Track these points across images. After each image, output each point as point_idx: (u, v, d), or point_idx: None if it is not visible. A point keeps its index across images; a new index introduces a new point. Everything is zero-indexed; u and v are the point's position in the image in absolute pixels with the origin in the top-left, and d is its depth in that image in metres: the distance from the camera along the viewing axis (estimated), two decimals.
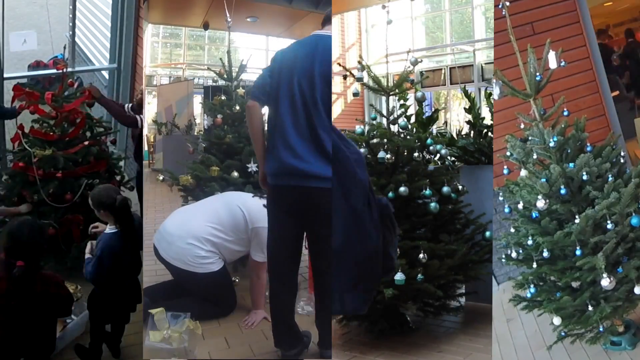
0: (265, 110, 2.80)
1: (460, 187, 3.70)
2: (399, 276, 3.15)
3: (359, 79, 3.80)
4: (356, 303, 2.37)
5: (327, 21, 2.81)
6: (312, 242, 2.70)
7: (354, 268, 2.27)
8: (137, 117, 4.29)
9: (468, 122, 4.71)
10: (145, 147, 8.94)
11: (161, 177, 4.77)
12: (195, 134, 7.49)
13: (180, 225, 3.50)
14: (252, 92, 2.79)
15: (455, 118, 8.83)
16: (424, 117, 4.69)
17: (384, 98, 3.72)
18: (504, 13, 3.17)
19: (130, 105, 4.62)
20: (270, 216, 2.78)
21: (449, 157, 4.24)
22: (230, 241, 3.48)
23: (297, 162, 2.54)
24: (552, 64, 3.09)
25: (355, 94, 4.14)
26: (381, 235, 2.29)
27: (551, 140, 3.03)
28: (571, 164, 3.02)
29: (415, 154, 3.81)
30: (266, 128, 2.80)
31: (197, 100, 9.51)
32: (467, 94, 4.94)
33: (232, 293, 3.60)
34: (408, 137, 3.77)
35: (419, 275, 3.22)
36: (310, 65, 2.60)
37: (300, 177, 2.54)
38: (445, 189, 3.56)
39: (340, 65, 6.90)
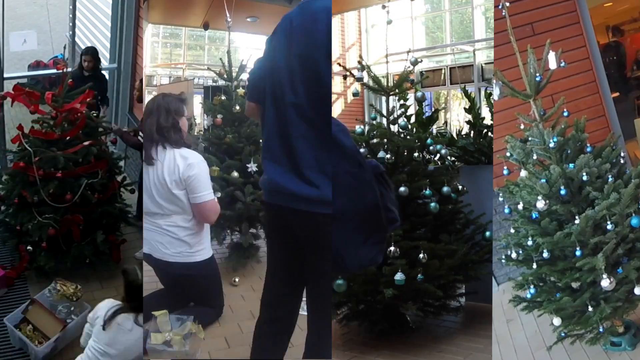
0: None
1: (460, 187, 3.70)
2: (399, 276, 3.15)
3: (359, 79, 3.80)
4: (372, 254, 2.18)
5: None
6: (308, 276, 2.28)
7: (360, 225, 2.12)
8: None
9: (468, 122, 4.72)
10: None
11: None
12: (195, 134, 7.48)
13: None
14: (247, 92, 2.40)
15: (455, 118, 8.82)
16: (424, 117, 4.69)
17: (384, 98, 3.72)
18: (504, 14, 3.17)
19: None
20: (266, 237, 2.56)
21: (449, 157, 4.24)
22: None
23: (284, 180, 2.12)
24: (552, 64, 3.09)
25: (355, 94, 4.15)
26: (378, 192, 2.13)
27: (551, 140, 3.03)
28: (571, 165, 3.02)
29: (415, 154, 3.81)
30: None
31: (197, 100, 9.51)
32: (467, 94, 4.94)
33: (220, 287, 3.56)
34: (408, 137, 3.77)
35: (419, 275, 3.22)
36: (297, 47, 2.10)
37: (290, 197, 2.11)
38: (445, 189, 3.56)
39: (340, 65, 6.89)
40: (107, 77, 5.41)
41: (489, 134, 4.45)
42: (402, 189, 3.39)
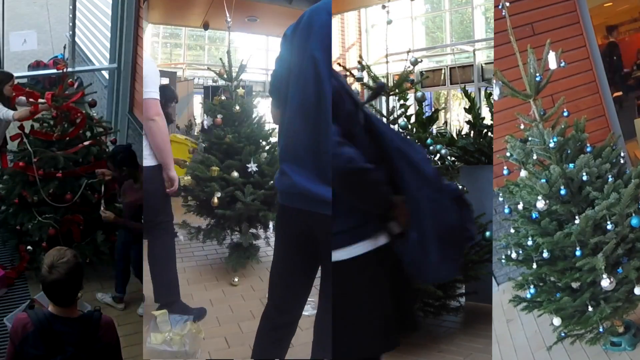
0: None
1: (460, 187, 3.70)
2: None
3: (359, 79, 3.81)
4: (449, 270, 2.24)
5: None
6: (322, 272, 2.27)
7: (440, 243, 2.11)
8: None
9: (468, 122, 4.72)
10: None
11: None
12: (195, 134, 7.49)
13: None
14: (272, 99, 2.33)
15: (455, 118, 8.83)
16: (424, 117, 4.69)
17: (384, 98, 3.72)
18: (504, 13, 3.17)
19: None
20: (276, 238, 2.44)
21: (449, 157, 4.24)
22: None
23: (309, 184, 2.09)
24: (552, 64, 3.09)
25: None
26: (457, 214, 2.13)
27: (551, 140, 3.03)
28: (571, 165, 3.02)
29: None
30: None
31: (197, 100, 9.52)
32: (467, 94, 4.94)
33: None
34: (408, 137, 3.77)
35: None
36: (307, 53, 2.10)
37: (312, 201, 2.10)
38: None
39: (340, 65, 6.90)
40: None
41: (489, 134, 4.44)
42: None
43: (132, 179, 3.73)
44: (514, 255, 3.18)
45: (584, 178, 2.95)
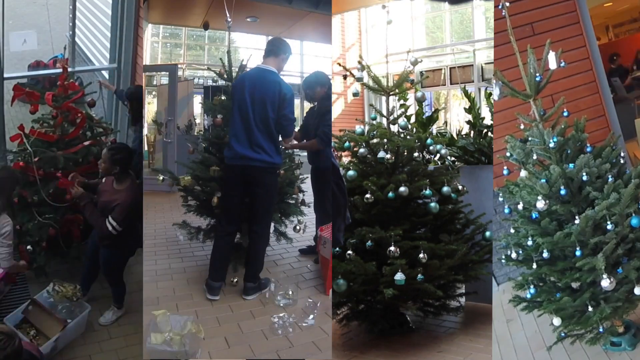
0: None
1: (460, 187, 3.70)
2: (399, 276, 3.15)
3: (359, 79, 3.81)
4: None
5: (268, 54, 3.71)
6: (256, 211, 3.68)
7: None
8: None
9: (468, 122, 4.72)
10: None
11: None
12: (195, 134, 7.49)
13: None
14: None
15: (455, 118, 8.82)
16: (424, 117, 4.70)
17: (384, 98, 3.73)
18: (504, 14, 3.17)
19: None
20: (223, 188, 3.91)
21: (449, 157, 4.24)
22: None
23: (244, 149, 3.60)
24: (552, 64, 3.09)
25: (355, 94, 4.15)
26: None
27: (551, 140, 3.04)
28: (571, 165, 3.02)
29: (415, 154, 3.82)
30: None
31: (197, 100, 9.51)
32: (467, 94, 4.94)
33: None
34: (408, 137, 3.77)
35: (419, 275, 3.22)
36: (261, 93, 3.63)
37: (247, 159, 3.59)
38: (445, 189, 3.56)
39: (340, 65, 6.90)
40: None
41: (489, 134, 4.45)
42: (402, 189, 3.39)
43: (116, 179, 3.67)
44: (514, 255, 3.18)
45: (584, 178, 2.95)
